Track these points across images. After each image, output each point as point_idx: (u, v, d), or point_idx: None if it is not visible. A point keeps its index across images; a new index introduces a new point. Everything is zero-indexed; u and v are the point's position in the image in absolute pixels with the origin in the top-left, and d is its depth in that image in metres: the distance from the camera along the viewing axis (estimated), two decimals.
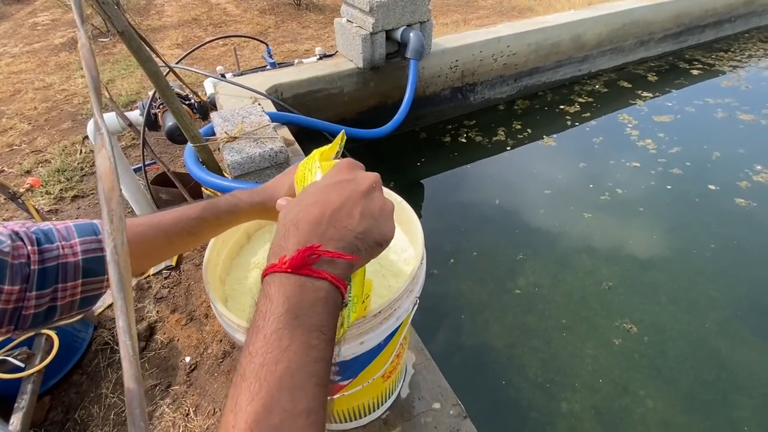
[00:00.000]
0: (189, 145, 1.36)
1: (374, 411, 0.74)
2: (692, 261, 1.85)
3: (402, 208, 0.63)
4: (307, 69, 2.18)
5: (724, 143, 2.51)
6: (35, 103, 3.67)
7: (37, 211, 1.77)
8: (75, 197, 2.62)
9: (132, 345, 0.24)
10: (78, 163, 2.88)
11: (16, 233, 0.41)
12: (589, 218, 2.06)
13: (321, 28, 4.96)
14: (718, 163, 2.37)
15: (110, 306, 1.97)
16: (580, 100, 2.95)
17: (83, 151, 2.99)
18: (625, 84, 3.13)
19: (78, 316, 0.49)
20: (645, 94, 3.01)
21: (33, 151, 3.01)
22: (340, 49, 2.32)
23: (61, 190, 2.66)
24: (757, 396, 1.41)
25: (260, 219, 0.56)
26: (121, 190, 0.30)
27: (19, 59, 4.66)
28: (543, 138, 2.60)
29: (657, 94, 3.02)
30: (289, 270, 0.29)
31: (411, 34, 2.06)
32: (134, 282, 2.01)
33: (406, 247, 0.63)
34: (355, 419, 0.74)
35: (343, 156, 0.48)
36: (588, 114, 2.81)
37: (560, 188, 2.25)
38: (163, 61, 1.90)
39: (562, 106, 2.88)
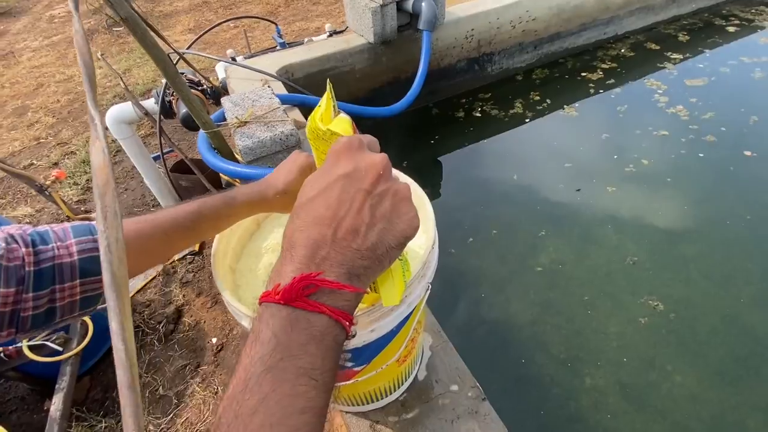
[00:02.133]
0: (201, 131, 1.36)
1: (391, 393, 0.75)
2: (726, 233, 1.76)
3: (412, 191, 0.60)
4: (317, 47, 2.13)
5: (764, 106, 2.33)
6: (58, 96, 3.76)
7: (65, 202, 1.84)
8: None
9: (126, 350, 0.23)
10: None
11: (12, 236, 0.41)
12: (613, 191, 1.98)
13: (331, 3, 4.84)
14: (756, 128, 2.21)
15: (140, 290, 2.05)
16: (604, 66, 2.79)
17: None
18: (653, 46, 2.93)
19: (83, 316, 0.50)
20: (675, 56, 2.81)
21: (59, 144, 3.10)
22: (351, 25, 2.25)
23: (88, 180, 2.74)
24: None
25: (263, 212, 0.55)
26: (115, 184, 0.28)
27: (39, 53, 4.75)
28: (564, 108, 2.48)
29: (688, 55, 2.81)
30: (281, 302, 0.25)
31: (423, 4, 1.97)
32: (157, 269, 2.08)
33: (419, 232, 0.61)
34: (373, 402, 0.74)
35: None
36: (612, 81, 2.65)
37: (582, 161, 2.16)
38: (172, 48, 1.89)
39: (584, 74, 2.73)
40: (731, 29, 3.05)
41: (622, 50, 2.91)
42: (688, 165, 2.06)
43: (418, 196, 0.60)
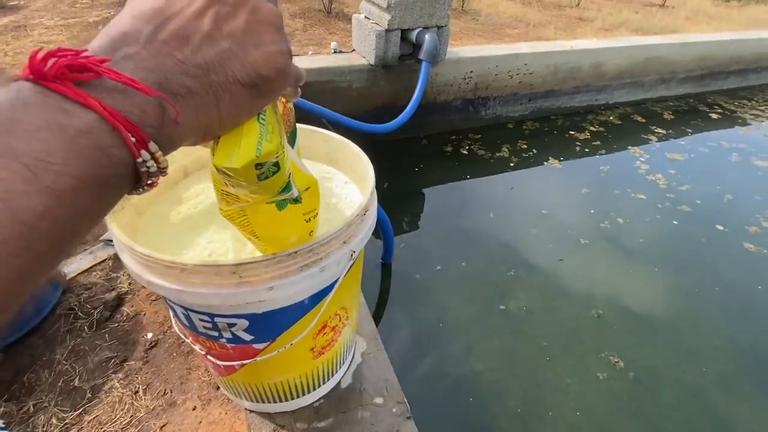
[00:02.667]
0: None
1: (304, 394, 0.66)
2: (695, 304, 1.73)
3: (345, 147, 0.57)
4: (319, 59, 2.17)
5: (737, 187, 2.41)
6: None
7: None
8: None
9: None
10: None
11: None
12: (586, 244, 1.97)
13: (346, 35, 5.03)
14: (729, 205, 2.26)
15: (84, 271, 1.92)
16: (592, 128, 2.89)
17: None
18: (640, 118, 3.07)
19: None
20: (659, 130, 2.94)
21: None
22: (356, 46, 2.31)
23: None
24: None
25: None
26: None
27: (51, 31, 4.80)
28: (549, 159, 2.53)
29: (671, 131, 2.94)
30: (30, 76, 0.17)
31: (426, 36, 2.03)
32: (109, 252, 1.97)
33: (354, 193, 0.56)
34: (281, 401, 0.66)
35: None
36: (598, 142, 2.74)
37: (560, 210, 2.17)
38: None
39: (572, 132, 2.82)
40: (714, 116, 3.23)
41: (611, 117, 3.04)
42: (662, 230, 2.08)
43: (353, 152, 0.56)
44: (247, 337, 0.49)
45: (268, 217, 0.35)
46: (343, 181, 0.61)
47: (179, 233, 0.51)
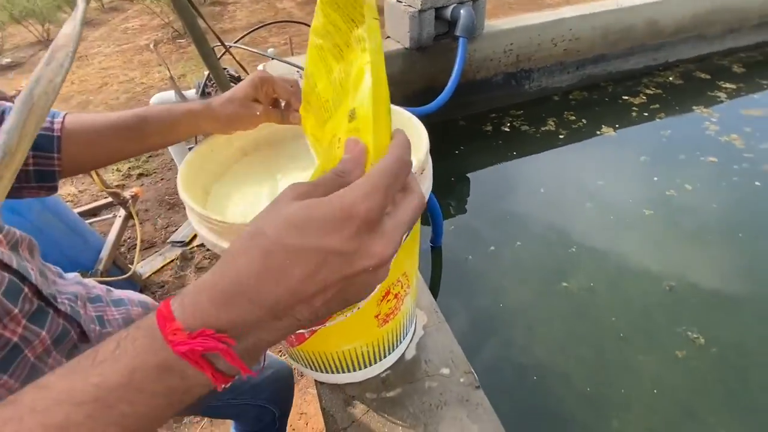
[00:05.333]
0: None
1: (371, 365, 0.67)
2: None
3: (396, 114, 0.57)
4: None
5: None
6: (118, 94, 4.09)
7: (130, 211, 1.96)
8: (140, 175, 2.82)
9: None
10: None
11: None
12: (651, 215, 1.82)
13: (380, 28, 5.03)
14: None
15: (157, 271, 2.08)
16: (648, 91, 2.66)
17: None
18: (704, 75, 2.78)
19: (44, 193, 0.51)
20: (728, 86, 2.65)
21: None
22: (389, 32, 2.29)
23: (129, 168, 2.90)
24: None
25: (207, 126, 0.54)
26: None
27: (109, 58, 5.22)
28: (601, 129, 2.37)
29: (743, 86, 2.64)
30: (171, 346, 0.20)
31: (462, 11, 1.98)
32: (176, 252, 2.11)
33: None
34: (349, 371, 0.67)
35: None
36: (657, 106, 2.52)
37: (619, 181, 2.03)
38: (221, 41, 1.99)
39: (625, 97, 2.62)
40: None
41: (670, 78, 2.78)
42: (740, 194, 1.88)
43: (404, 116, 0.56)
44: None
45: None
46: None
47: (247, 199, 0.54)
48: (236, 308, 0.21)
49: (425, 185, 0.51)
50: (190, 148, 2.27)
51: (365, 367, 0.67)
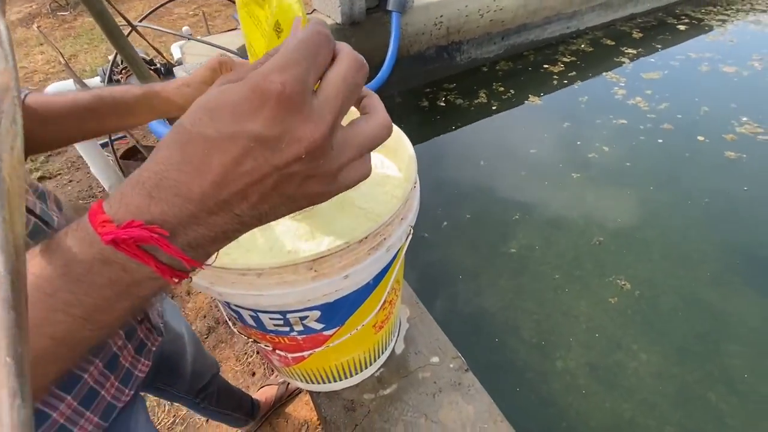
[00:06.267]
0: None
1: (367, 367, 0.68)
2: (684, 215, 1.83)
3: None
4: None
5: (712, 96, 2.48)
6: None
7: None
8: (41, 178, 2.46)
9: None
10: None
11: None
12: (578, 178, 2.01)
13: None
14: (707, 117, 2.34)
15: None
16: (565, 59, 2.86)
17: None
18: (609, 42, 3.05)
19: None
20: (629, 51, 2.94)
21: None
22: (316, 5, 2.17)
23: (28, 170, 2.50)
24: (750, 344, 1.41)
25: (164, 110, 0.52)
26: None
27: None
28: (528, 98, 2.52)
29: (641, 50, 2.95)
30: (101, 237, 0.20)
31: None
32: None
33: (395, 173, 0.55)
34: (345, 378, 0.67)
35: None
36: (573, 73, 2.73)
37: (547, 148, 2.20)
38: (125, 19, 1.74)
39: (546, 66, 2.80)
40: (682, 27, 3.24)
41: (582, 46, 3.01)
42: (647, 151, 2.14)
43: (394, 132, 0.55)
44: (318, 326, 0.50)
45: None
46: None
47: None
48: (163, 202, 0.20)
49: (417, 196, 0.51)
50: (102, 145, 2.01)
51: (361, 371, 0.67)
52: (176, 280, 0.22)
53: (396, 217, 0.45)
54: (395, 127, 0.55)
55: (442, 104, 2.49)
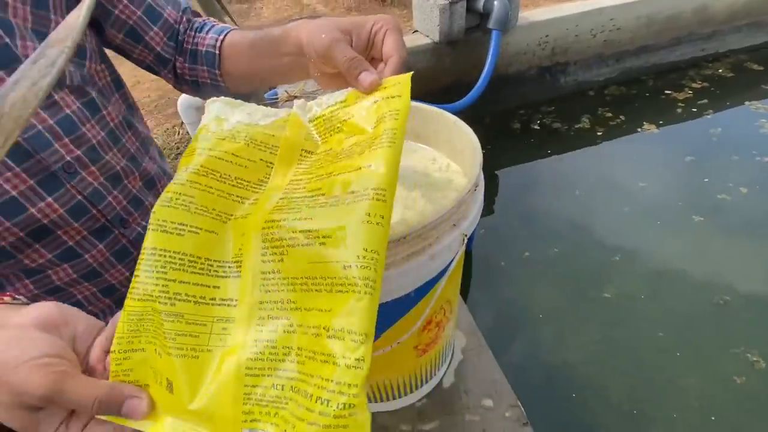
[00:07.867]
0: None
1: (407, 394, 0.61)
2: None
3: (439, 117, 0.50)
4: None
5: None
6: (149, 92, 4.14)
7: None
8: None
9: None
10: (175, 143, 3.18)
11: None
12: (701, 221, 1.68)
13: (404, 22, 4.92)
14: None
15: None
16: (695, 85, 2.47)
17: (180, 132, 3.29)
18: (756, 67, 2.56)
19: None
20: None
21: None
22: (417, 26, 2.20)
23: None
24: None
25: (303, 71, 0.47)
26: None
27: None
28: (643, 125, 2.22)
29: None
30: None
31: (495, 2, 1.87)
32: None
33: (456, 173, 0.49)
34: (383, 400, 0.61)
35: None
36: (705, 101, 2.34)
37: (663, 183, 1.89)
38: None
39: (668, 92, 2.44)
40: None
41: (719, 70, 2.58)
42: None
43: (459, 128, 0.49)
44: None
45: None
46: (431, 158, 0.54)
47: None
48: None
49: (478, 203, 0.44)
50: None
51: (400, 396, 0.61)
52: None
53: (444, 222, 0.38)
54: (462, 123, 0.49)
55: (536, 127, 2.31)
